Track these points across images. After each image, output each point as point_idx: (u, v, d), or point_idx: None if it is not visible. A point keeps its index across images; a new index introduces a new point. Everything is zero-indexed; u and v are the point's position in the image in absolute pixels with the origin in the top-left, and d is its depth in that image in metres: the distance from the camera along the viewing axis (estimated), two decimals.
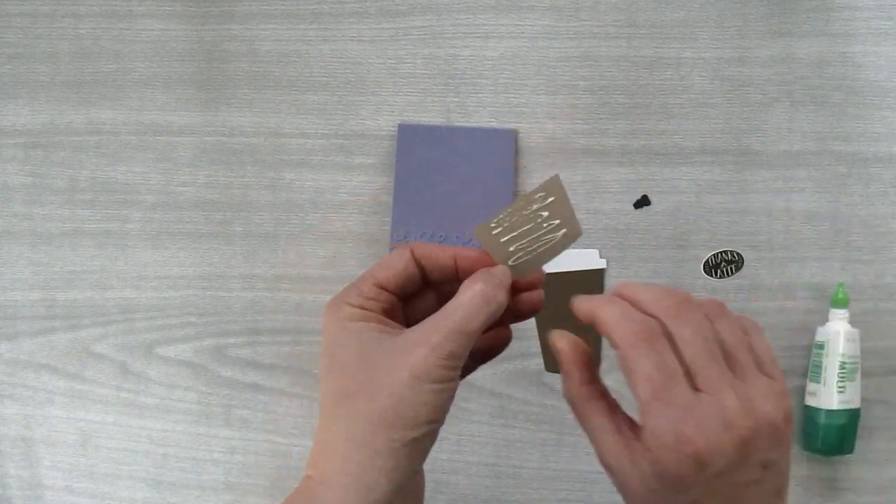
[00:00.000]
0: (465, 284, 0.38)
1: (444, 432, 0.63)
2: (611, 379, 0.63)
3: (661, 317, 0.36)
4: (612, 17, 0.61)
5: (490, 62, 0.62)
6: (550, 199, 0.40)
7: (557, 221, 0.40)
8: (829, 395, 0.58)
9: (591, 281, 0.60)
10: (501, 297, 0.38)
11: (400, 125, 0.63)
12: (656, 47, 0.61)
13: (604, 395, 0.39)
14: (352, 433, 0.37)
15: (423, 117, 0.63)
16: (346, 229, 0.64)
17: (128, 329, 0.66)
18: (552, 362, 0.62)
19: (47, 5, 0.65)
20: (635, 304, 0.37)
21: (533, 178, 0.62)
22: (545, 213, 0.40)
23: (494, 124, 0.62)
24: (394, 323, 0.40)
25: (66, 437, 0.67)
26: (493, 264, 0.40)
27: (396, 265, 0.40)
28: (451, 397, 0.38)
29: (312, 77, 0.64)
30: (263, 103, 0.64)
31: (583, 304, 0.38)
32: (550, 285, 0.49)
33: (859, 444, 0.61)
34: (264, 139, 0.64)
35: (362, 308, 0.40)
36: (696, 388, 0.35)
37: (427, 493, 0.64)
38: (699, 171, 0.61)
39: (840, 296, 0.59)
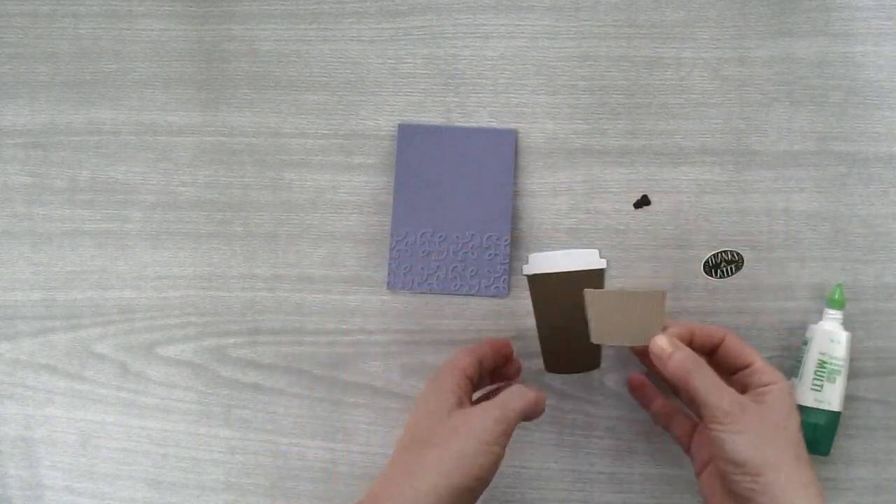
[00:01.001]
0: (513, 392, 0.52)
1: None
2: (610, 380, 0.63)
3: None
4: (612, 17, 0.61)
5: (490, 62, 0.62)
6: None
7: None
8: (804, 392, 0.58)
9: (592, 281, 0.60)
10: (539, 411, 0.53)
11: (400, 125, 0.63)
12: (656, 47, 0.61)
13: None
14: (419, 478, 0.47)
15: (423, 117, 0.63)
16: (345, 229, 0.64)
17: (128, 329, 0.66)
18: (552, 362, 0.62)
19: (47, 5, 0.65)
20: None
21: (533, 179, 0.62)
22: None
23: (494, 124, 0.62)
24: (469, 402, 0.53)
25: (66, 437, 0.67)
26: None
27: (472, 369, 0.55)
28: (499, 464, 0.49)
29: (312, 77, 0.64)
30: (263, 103, 0.64)
31: (675, 329, 0.55)
32: (550, 285, 0.56)
33: (860, 445, 0.61)
34: (264, 139, 0.64)
35: (455, 394, 0.52)
36: None
37: None
38: (699, 171, 0.61)
39: (836, 296, 0.59)
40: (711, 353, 0.54)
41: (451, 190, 0.62)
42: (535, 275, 0.60)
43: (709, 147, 0.61)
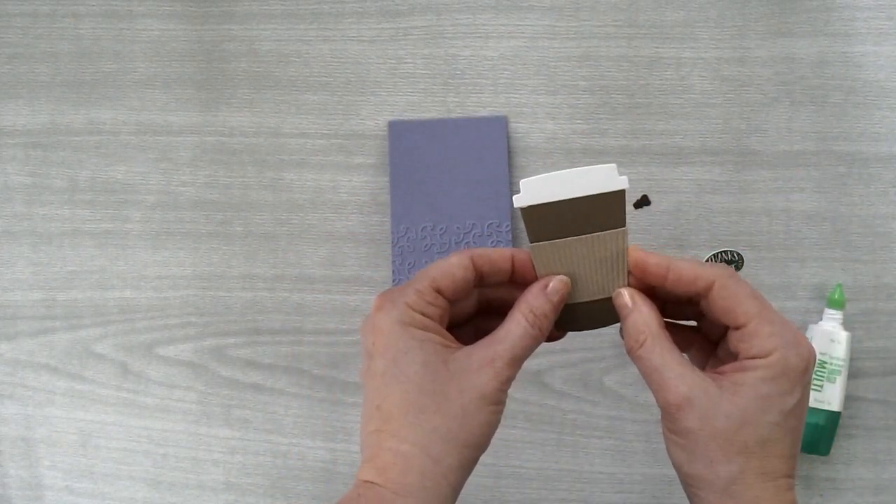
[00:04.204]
0: (515, 314, 0.41)
1: None
2: (610, 380, 0.63)
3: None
4: (612, 17, 0.61)
5: (490, 62, 0.62)
6: None
7: None
8: None
9: (610, 206, 0.43)
10: (545, 327, 0.42)
11: (390, 122, 0.63)
12: (656, 47, 0.61)
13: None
14: (427, 448, 0.39)
15: (424, 118, 0.63)
16: (345, 229, 0.64)
17: (128, 329, 0.66)
18: (561, 317, 0.46)
19: (47, 5, 0.65)
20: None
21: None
22: None
23: None
24: (451, 337, 0.42)
25: (66, 437, 0.67)
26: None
27: (456, 273, 0.41)
28: (501, 417, 0.41)
29: (312, 77, 0.64)
30: (263, 103, 0.64)
31: (655, 257, 0.41)
32: (554, 219, 0.43)
33: (860, 445, 0.61)
34: (264, 139, 0.64)
35: (423, 314, 0.41)
36: None
37: None
38: (699, 171, 0.61)
39: (836, 297, 0.59)
40: (696, 302, 0.42)
41: (447, 182, 0.62)
42: (532, 207, 0.42)
43: (709, 147, 0.61)
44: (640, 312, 0.41)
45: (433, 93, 0.63)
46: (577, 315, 0.44)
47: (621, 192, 0.41)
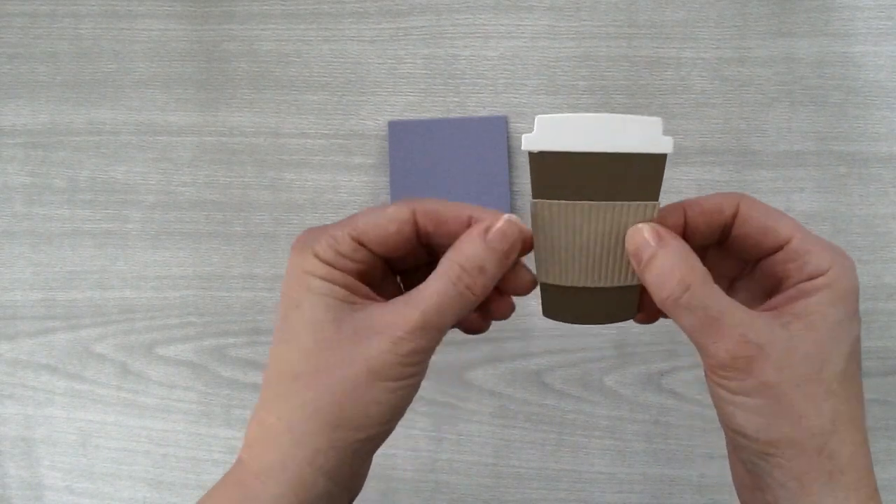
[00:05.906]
0: (441, 268, 0.33)
1: (443, 432, 0.63)
2: (610, 380, 0.63)
3: None
4: (612, 17, 0.61)
5: (490, 62, 0.62)
6: None
7: None
8: None
9: (644, 172, 0.34)
10: (480, 286, 0.33)
11: (390, 122, 0.63)
12: (656, 47, 0.61)
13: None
14: (293, 425, 0.33)
15: (423, 117, 0.63)
16: None
17: (128, 329, 0.66)
18: (557, 303, 0.36)
19: (47, 5, 0.65)
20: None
21: None
22: None
23: None
24: (365, 290, 0.35)
25: (66, 437, 0.67)
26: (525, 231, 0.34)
27: (388, 227, 0.34)
28: (412, 395, 0.34)
29: (312, 77, 0.64)
30: (263, 103, 0.64)
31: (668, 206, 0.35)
32: (570, 173, 0.32)
33: None
34: (264, 139, 0.64)
35: (331, 265, 0.34)
36: None
37: (427, 493, 0.64)
38: (699, 171, 0.61)
39: None
40: (724, 239, 0.35)
41: (447, 182, 0.62)
42: (544, 153, 0.32)
43: (709, 147, 0.61)
44: (673, 248, 0.32)
45: (433, 93, 0.63)
46: (573, 303, 0.35)
47: (662, 157, 0.32)
